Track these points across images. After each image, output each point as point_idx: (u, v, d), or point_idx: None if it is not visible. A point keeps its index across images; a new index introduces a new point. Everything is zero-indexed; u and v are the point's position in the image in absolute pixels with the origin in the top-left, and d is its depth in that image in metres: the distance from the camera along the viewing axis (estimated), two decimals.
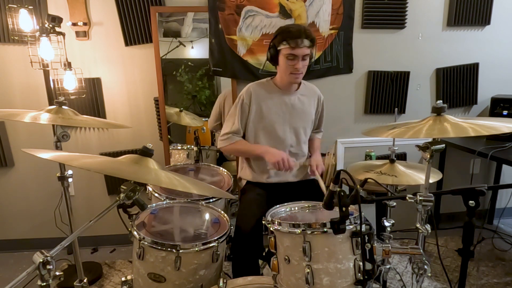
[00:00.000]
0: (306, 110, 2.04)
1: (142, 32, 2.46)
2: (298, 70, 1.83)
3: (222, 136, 1.99)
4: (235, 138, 1.97)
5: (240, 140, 1.99)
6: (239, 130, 1.97)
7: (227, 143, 1.97)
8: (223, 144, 1.99)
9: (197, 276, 1.43)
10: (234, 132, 1.96)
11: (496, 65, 2.90)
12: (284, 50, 1.80)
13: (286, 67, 1.84)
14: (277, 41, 1.82)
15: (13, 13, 2.16)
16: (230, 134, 1.96)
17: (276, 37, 1.82)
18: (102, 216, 1.10)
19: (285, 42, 1.77)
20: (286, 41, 1.77)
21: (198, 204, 1.75)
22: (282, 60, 1.84)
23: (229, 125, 1.98)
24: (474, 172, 3.06)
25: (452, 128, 1.19)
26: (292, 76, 1.86)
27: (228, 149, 2.03)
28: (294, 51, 1.78)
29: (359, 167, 1.94)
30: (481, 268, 2.44)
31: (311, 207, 1.57)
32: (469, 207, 1.13)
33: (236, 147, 2.00)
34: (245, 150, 2.01)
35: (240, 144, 1.98)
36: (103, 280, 2.38)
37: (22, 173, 2.66)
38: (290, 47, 1.77)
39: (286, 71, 1.85)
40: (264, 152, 1.89)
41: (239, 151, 2.07)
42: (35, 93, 2.48)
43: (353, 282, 1.21)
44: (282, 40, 1.78)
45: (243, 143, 1.99)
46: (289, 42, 1.76)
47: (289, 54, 1.79)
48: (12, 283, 0.89)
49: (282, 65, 1.86)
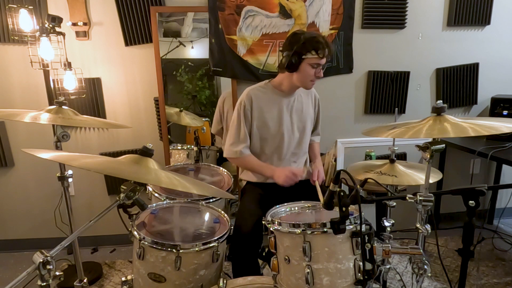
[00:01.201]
0: (305, 110, 2.04)
1: (142, 32, 2.46)
2: (318, 78, 1.86)
3: (231, 146, 1.96)
4: (244, 153, 1.95)
5: (249, 156, 1.97)
6: (246, 137, 1.94)
7: (235, 155, 1.96)
8: (231, 155, 1.97)
9: (197, 276, 1.43)
10: (242, 141, 1.94)
11: (496, 65, 2.90)
12: (311, 59, 1.80)
13: (308, 75, 1.84)
14: (303, 49, 1.79)
15: (13, 13, 2.16)
16: (239, 147, 1.93)
17: (304, 45, 1.79)
18: (102, 216, 1.10)
19: (314, 52, 1.78)
20: (316, 51, 1.78)
21: (198, 204, 1.75)
22: (305, 68, 1.82)
23: (235, 133, 1.95)
24: (474, 172, 3.06)
25: (452, 128, 1.19)
26: (311, 83, 1.88)
27: (235, 161, 2.04)
28: (320, 61, 1.81)
29: (359, 167, 1.93)
30: (481, 268, 2.44)
31: (311, 207, 1.57)
32: (469, 207, 1.13)
33: (244, 162, 2.00)
34: (252, 167, 2.00)
35: (248, 160, 1.97)
36: (103, 280, 2.38)
37: (22, 173, 2.66)
38: (318, 57, 1.79)
39: (306, 78, 1.85)
40: (271, 175, 1.90)
41: (246, 166, 2.05)
42: (35, 93, 2.48)
43: (353, 282, 1.21)
44: (312, 49, 1.78)
45: (251, 160, 1.97)
46: (318, 52, 1.78)
47: (316, 64, 1.81)
48: (12, 283, 0.89)
49: (303, 72, 1.84)
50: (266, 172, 1.95)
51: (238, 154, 1.95)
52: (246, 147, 1.96)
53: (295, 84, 1.91)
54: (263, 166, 1.96)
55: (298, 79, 1.88)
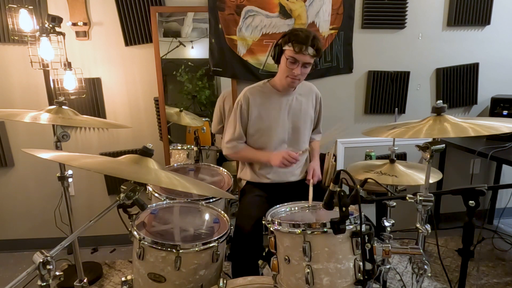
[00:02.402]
0: (304, 110, 2.04)
1: (142, 32, 2.46)
2: (295, 76, 1.82)
3: (227, 143, 2.01)
4: (240, 145, 2.00)
5: (245, 148, 2.01)
6: (241, 135, 1.98)
7: (232, 151, 2.01)
8: (228, 151, 2.03)
9: (197, 276, 1.43)
10: (237, 138, 1.98)
11: (496, 65, 2.90)
12: (288, 52, 1.79)
13: (285, 69, 1.84)
14: (283, 40, 1.82)
15: (13, 13, 2.16)
16: (234, 142, 1.99)
17: (284, 37, 1.82)
18: (102, 216, 1.10)
19: (290, 44, 1.77)
20: (292, 43, 1.76)
21: (198, 204, 1.75)
22: (283, 61, 1.84)
23: (231, 131, 2.00)
24: (474, 172, 3.06)
25: (452, 128, 1.19)
26: (288, 79, 1.85)
27: (233, 157, 2.08)
28: (296, 55, 1.77)
29: (359, 167, 1.93)
30: (481, 268, 2.44)
31: (311, 207, 1.57)
32: (469, 207, 1.13)
33: (241, 155, 2.04)
34: (249, 157, 2.04)
35: (244, 151, 2.02)
36: (103, 280, 2.38)
37: (22, 173, 2.66)
38: (293, 50, 1.76)
39: (284, 73, 1.85)
40: (268, 159, 1.93)
41: (244, 158, 2.09)
42: (35, 93, 2.48)
43: (353, 282, 1.21)
44: (289, 41, 1.78)
45: (247, 150, 2.02)
46: (293, 45, 1.75)
47: (291, 57, 1.79)
48: (12, 283, 0.89)
49: (282, 65, 1.86)
50: (262, 158, 1.97)
51: (234, 149, 2.00)
52: (241, 143, 2.01)
53: (281, 79, 1.90)
54: (259, 154, 1.99)
55: (279, 74, 1.88)
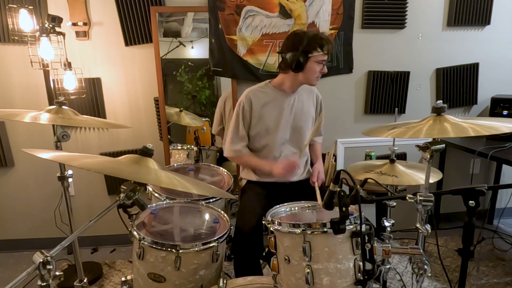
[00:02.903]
0: (306, 110, 2.04)
1: (142, 32, 2.46)
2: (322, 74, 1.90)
3: (230, 145, 1.99)
4: (243, 151, 1.99)
5: (248, 155, 2.00)
6: (244, 137, 1.97)
7: (234, 154, 1.99)
8: (231, 154, 2.01)
9: (197, 276, 1.43)
10: (241, 140, 1.97)
11: (496, 65, 2.90)
12: (318, 57, 1.83)
13: (314, 72, 1.87)
14: (309, 47, 1.81)
15: (13, 13, 2.16)
16: (238, 146, 1.97)
17: (309, 43, 1.81)
18: (102, 216, 1.10)
19: (319, 49, 1.81)
20: (321, 47, 1.81)
21: (198, 204, 1.75)
22: (312, 65, 1.85)
23: (234, 133, 1.97)
24: (474, 172, 3.06)
25: (452, 128, 1.19)
26: (317, 79, 1.91)
27: (235, 160, 2.09)
28: (325, 57, 1.85)
29: (359, 167, 1.93)
30: (481, 268, 2.43)
31: (311, 207, 1.57)
32: (469, 207, 1.13)
33: (244, 161, 2.04)
34: (252, 165, 2.03)
35: (247, 159, 2.00)
36: (103, 280, 2.38)
37: (22, 173, 2.66)
38: (323, 53, 1.83)
39: (313, 75, 1.88)
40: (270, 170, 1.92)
41: (246, 165, 2.08)
42: (35, 93, 2.48)
43: (353, 282, 1.21)
44: (317, 46, 1.81)
45: (250, 158, 2.00)
46: (323, 49, 1.81)
47: (322, 60, 1.84)
48: (12, 283, 0.89)
49: (310, 69, 1.86)
50: (265, 168, 1.96)
51: (237, 153, 1.98)
52: (244, 146, 1.99)
53: (299, 82, 1.93)
54: (262, 163, 1.97)
55: (305, 77, 1.90)
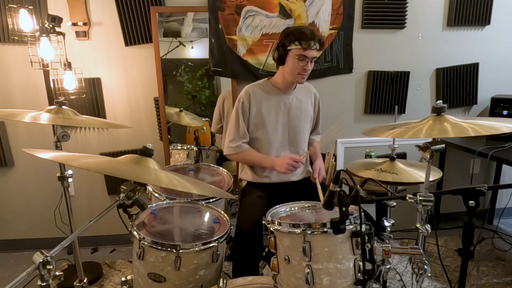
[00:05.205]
0: (304, 109, 2.04)
1: (142, 32, 2.46)
2: (306, 71, 1.84)
3: (230, 142, 1.97)
4: (243, 147, 1.97)
5: (248, 150, 1.99)
6: (245, 133, 1.96)
7: (234, 151, 1.97)
8: (231, 151, 1.98)
9: (197, 276, 1.43)
10: (242, 137, 1.96)
11: (496, 65, 2.90)
12: (296, 51, 1.80)
13: (294, 68, 1.83)
14: (287, 40, 1.81)
15: (13, 13, 2.16)
16: (238, 142, 1.96)
17: (287, 37, 1.81)
18: (102, 216, 1.10)
19: (297, 43, 1.78)
20: (299, 42, 1.77)
21: (198, 204, 1.75)
22: (291, 60, 1.83)
23: (234, 130, 1.96)
24: (474, 172, 3.06)
25: (452, 128, 1.19)
26: (299, 76, 1.86)
27: (235, 157, 2.05)
28: (305, 52, 1.79)
29: (360, 165, 1.94)
30: (481, 268, 2.43)
31: (311, 207, 1.57)
32: (469, 207, 1.13)
33: (244, 156, 2.01)
34: (252, 160, 2.01)
35: (247, 154, 1.99)
36: (103, 280, 2.38)
37: (22, 173, 2.66)
38: (302, 48, 1.78)
39: (293, 71, 1.85)
40: (272, 165, 1.92)
41: (246, 161, 2.06)
42: (35, 93, 2.48)
43: (353, 282, 1.21)
44: (295, 40, 1.78)
45: (251, 152, 1.99)
46: (301, 43, 1.77)
47: (300, 55, 1.79)
48: (12, 283, 0.89)
49: (290, 65, 1.85)
50: (266, 163, 1.95)
51: (237, 149, 1.97)
52: (245, 143, 1.98)
53: (287, 79, 1.91)
54: (263, 158, 1.97)
55: (287, 72, 1.88)
